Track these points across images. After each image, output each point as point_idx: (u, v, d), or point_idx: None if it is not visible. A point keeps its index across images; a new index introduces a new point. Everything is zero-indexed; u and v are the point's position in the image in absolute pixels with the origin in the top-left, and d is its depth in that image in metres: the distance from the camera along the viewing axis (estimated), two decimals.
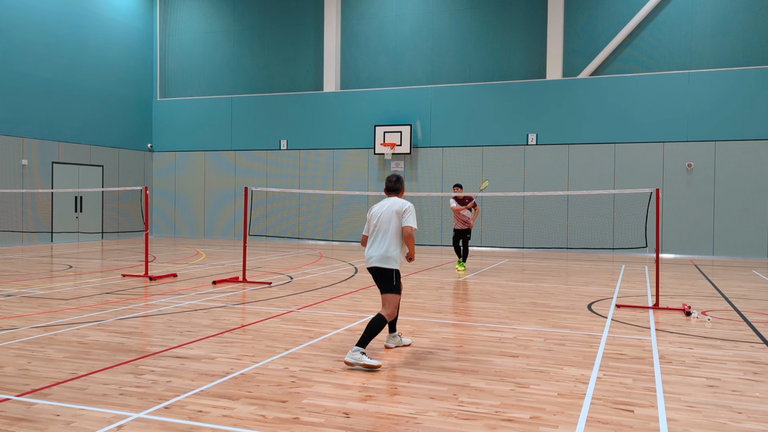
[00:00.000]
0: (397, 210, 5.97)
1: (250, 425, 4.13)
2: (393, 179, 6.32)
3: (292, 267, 13.80)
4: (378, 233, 6.01)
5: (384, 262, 5.91)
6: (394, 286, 5.90)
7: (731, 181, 17.62)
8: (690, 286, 11.52)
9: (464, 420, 4.26)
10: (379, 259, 5.92)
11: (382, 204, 6.14)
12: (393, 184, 6.31)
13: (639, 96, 18.46)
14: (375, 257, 5.96)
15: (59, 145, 20.14)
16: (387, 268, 5.90)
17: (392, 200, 6.12)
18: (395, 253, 5.92)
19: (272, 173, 22.28)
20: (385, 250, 5.90)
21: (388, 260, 5.90)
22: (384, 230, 5.97)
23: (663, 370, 5.55)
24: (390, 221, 5.95)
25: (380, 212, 6.05)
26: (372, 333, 5.67)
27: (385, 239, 5.93)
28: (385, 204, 6.10)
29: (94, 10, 21.41)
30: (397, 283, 5.94)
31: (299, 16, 22.25)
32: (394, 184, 6.31)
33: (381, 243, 5.94)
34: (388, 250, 5.90)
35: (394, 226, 5.93)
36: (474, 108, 20.03)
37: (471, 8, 20.36)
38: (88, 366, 5.50)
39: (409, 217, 5.94)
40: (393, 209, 6.00)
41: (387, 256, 5.90)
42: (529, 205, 19.23)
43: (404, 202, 6.07)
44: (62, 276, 12.01)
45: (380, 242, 5.95)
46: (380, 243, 5.94)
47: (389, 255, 5.90)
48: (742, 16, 17.81)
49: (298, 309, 8.46)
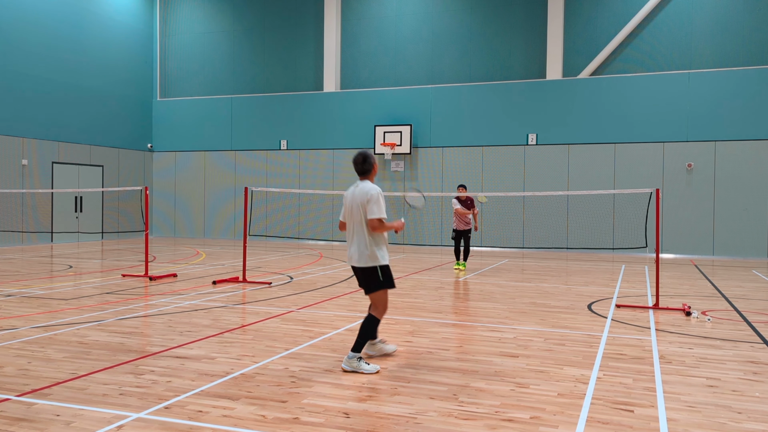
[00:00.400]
0: (360, 201, 5.49)
1: (250, 425, 4.13)
2: (359, 160, 5.66)
3: (292, 267, 13.81)
4: (352, 227, 5.60)
5: (363, 260, 5.51)
6: (380, 283, 5.53)
7: (731, 181, 17.62)
8: (690, 286, 11.52)
9: (464, 420, 4.26)
10: (358, 258, 5.53)
11: (352, 189, 5.66)
12: (361, 166, 5.66)
13: (639, 96, 18.46)
14: (354, 257, 5.57)
15: (59, 145, 20.14)
16: (368, 267, 5.51)
17: (360, 187, 5.58)
18: (373, 249, 5.49)
19: (272, 173, 22.28)
20: (364, 246, 5.49)
21: (367, 258, 5.49)
22: (357, 223, 5.54)
23: (663, 370, 5.55)
24: (359, 214, 5.51)
25: (350, 201, 5.60)
26: (366, 336, 5.50)
27: (360, 235, 5.52)
28: (355, 191, 5.60)
29: (94, 10, 21.41)
30: (385, 279, 5.55)
31: (299, 16, 22.25)
32: (361, 165, 5.65)
33: (358, 240, 5.53)
34: (367, 247, 5.49)
35: (361, 219, 5.50)
36: (474, 108, 20.03)
37: (471, 8, 20.36)
38: (88, 366, 5.50)
39: (373, 208, 5.41)
40: (357, 201, 5.52)
41: (366, 254, 5.50)
42: (529, 205, 19.23)
43: (370, 188, 5.51)
44: (62, 276, 12.01)
45: (357, 239, 5.53)
46: (357, 240, 5.53)
47: (367, 252, 5.49)
48: (742, 16, 17.82)
49: (298, 309, 8.46)
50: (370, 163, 5.67)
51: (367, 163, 5.65)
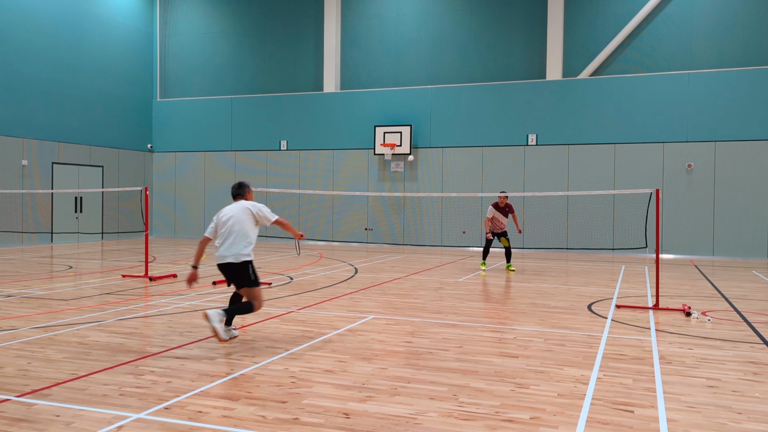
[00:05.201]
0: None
1: (250, 426, 4.13)
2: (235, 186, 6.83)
3: (292, 267, 13.80)
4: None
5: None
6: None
7: (731, 181, 17.62)
8: (690, 286, 11.52)
9: (464, 420, 4.26)
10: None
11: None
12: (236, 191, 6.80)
13: (639, 96, 18.47)
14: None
15: (59, 146, 20.14)
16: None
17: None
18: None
19: (272, 173, 22.28)
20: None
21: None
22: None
23: (663, 371, 5.56)
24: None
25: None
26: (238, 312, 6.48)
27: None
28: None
29: (94, 10, 21.42)
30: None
31: (299, 16, 22.26)
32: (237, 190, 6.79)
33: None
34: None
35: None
36: (474, 108, 20.03)
37: (471, 8, 20.36)
38: (88, 366, 5.50)
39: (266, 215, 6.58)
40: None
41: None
42: (529, 205, 19.23)
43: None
44: (62, 276, 12.01)
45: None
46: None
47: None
48: (742, 16, 17.82)
49: (298, 309, 8.46)
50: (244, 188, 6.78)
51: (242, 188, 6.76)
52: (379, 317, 8.01)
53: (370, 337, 6.81)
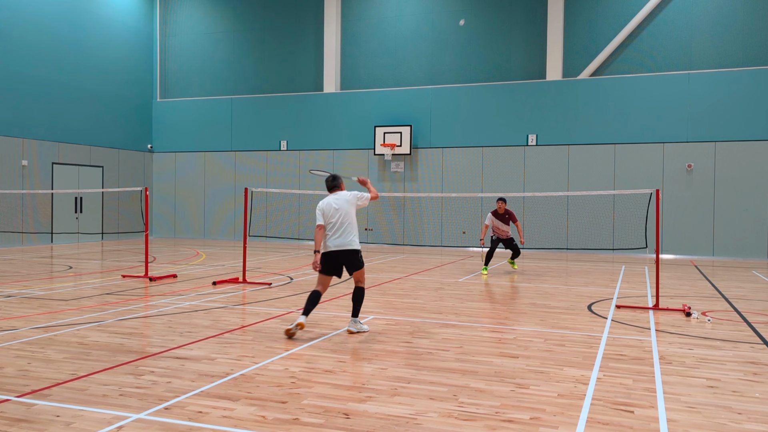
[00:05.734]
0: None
1: (250, 426, 4.13)
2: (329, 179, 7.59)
3: (293, 267, 13.81)
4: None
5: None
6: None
7: (731, 181, 17.62)
8: (690, 286, 11.52)
9: (464, 421, 4.27)
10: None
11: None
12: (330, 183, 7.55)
13: (639, 96, 18.47)
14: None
15: (59, 146, 20.14)
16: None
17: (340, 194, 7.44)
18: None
19: (272, 174, 22.28)
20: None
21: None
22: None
23: (663, 371, 5.56)
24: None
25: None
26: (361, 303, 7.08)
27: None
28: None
29: (94, 10, 21.42)
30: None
31: (299, 16, 22.26)
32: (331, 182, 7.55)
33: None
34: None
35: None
36: (474, 108, 20.03)
37: (471, 8, 20.36)
38: (88, 367, 5.50)
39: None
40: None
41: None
42: (529, 205, 19.23)
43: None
44: (62, 277, 12.01)
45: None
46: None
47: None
48: (742, 16, 17.82)
49: (298, 310, 8.46)
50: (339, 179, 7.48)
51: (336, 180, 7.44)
52: (379, 317, 8.01)
53: (370, 337, 6.81)
